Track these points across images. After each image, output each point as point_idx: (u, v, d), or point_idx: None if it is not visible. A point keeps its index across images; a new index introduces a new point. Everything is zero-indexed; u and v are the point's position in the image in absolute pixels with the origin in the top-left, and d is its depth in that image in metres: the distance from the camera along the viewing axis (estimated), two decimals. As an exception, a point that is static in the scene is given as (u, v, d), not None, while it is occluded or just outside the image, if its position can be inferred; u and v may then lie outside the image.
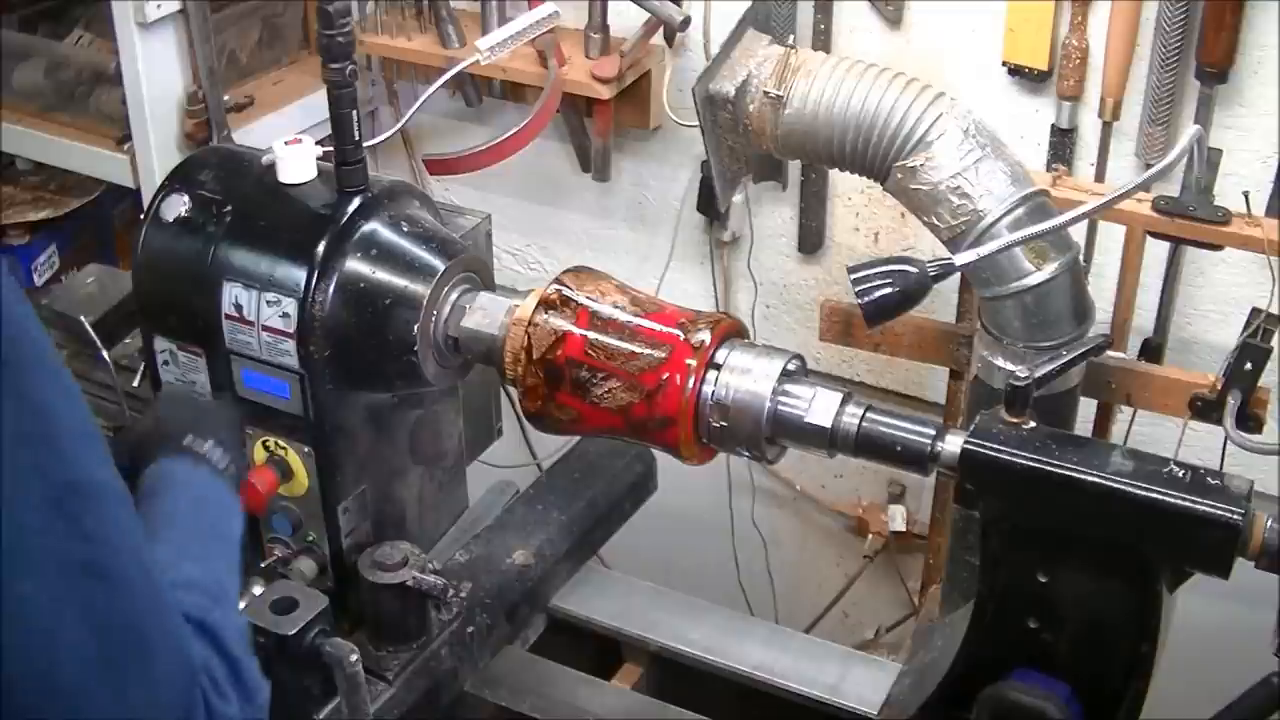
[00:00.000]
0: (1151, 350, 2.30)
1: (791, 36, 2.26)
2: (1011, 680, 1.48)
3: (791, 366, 1.51)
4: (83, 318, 1.91)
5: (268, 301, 1.59)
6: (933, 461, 1.45)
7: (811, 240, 2.63)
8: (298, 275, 1.58)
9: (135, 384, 1.85)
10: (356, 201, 1.61)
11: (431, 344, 1.62)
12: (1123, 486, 1.36)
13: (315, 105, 2.18)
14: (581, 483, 2.02)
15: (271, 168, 1.65)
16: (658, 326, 1.53)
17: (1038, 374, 1.44)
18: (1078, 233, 2.05)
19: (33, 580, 0.88)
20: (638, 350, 1.51)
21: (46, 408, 0.91)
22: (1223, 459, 1.70)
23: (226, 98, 2.52)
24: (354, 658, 1.52)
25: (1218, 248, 1.93)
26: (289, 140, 1.66)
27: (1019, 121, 2.31)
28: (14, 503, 0.87)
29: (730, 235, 2.67)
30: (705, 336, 1.50)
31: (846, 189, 2.56)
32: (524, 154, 2.42)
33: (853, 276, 1.51)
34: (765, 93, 1.88)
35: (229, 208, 1.64)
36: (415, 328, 1.59)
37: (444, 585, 1.68)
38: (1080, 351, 1.66)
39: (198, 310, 1.63)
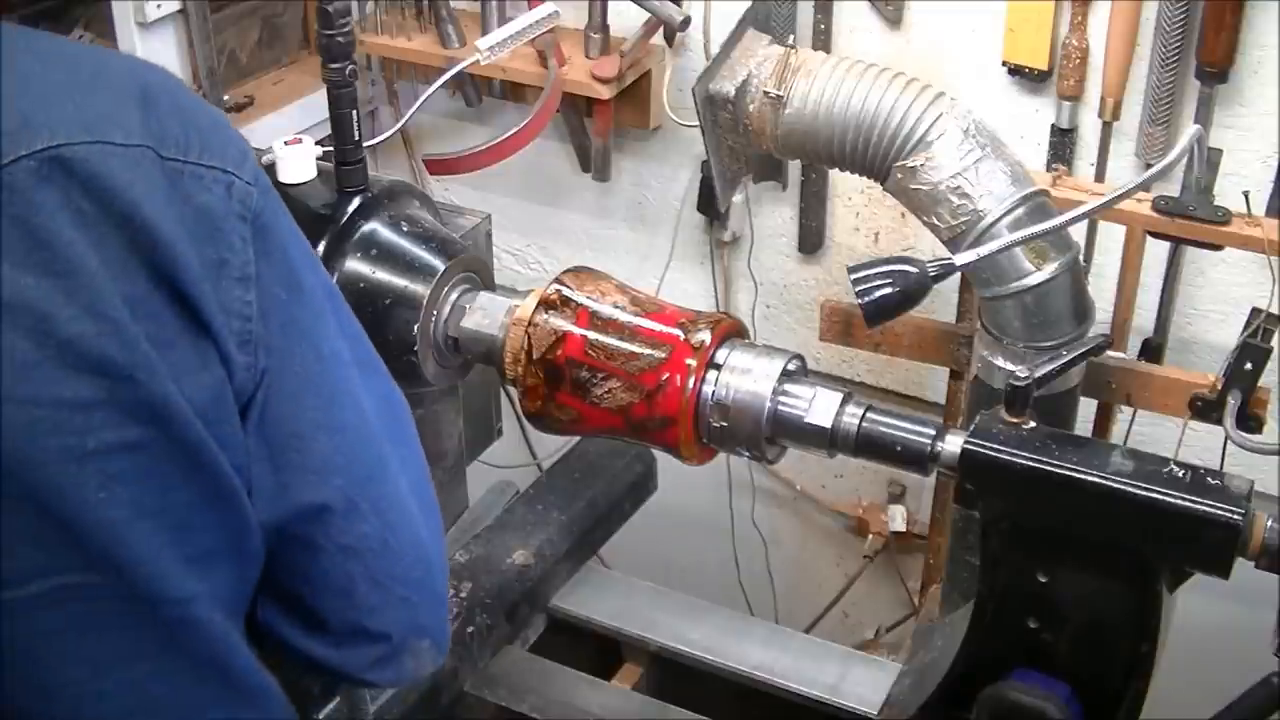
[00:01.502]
0: (1151, 350, 2.30)
1: (791, 36, 2.26)
2: (1011, 680, 1.48)
3: (792, 366, 1.51)
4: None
5: (268, 301, 1.59)
6: (933, 461, 1.45)
7: (811, 240, 2.63)
8: (298, 275, 1.58)
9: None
10: (356, 201, 1.61)
11: (431, 344, 1.62)
12: (1123, 486, 1.36)
13: (315, 105, 2.18)
14: (581, 483, 2.02)
15: (271, 168, 1.65)
16: (658, 326, 1.53)
17: (1038, 374, 1.44)
18: (1078, 233, 2.06)
19: (353, 371, 1.05)
20: (638, 350, 1.51)
21: (300, 231, 1.04)
22: (1223, 459, 1.70)
23: (226, 98, 2.52)
24: (354, 658, 1.52)
25: (1218, 248, 1.93)
26: (289, 140, 1.66)
27: (1019, 121, 2.31)
28: (326, 309, 1.03)
29: (730, 235, 2.67)
30: (705, 336, 1.50)
31: (846, 189, 2.56)
32: (524, 154, 2.42)
33: (853, 276, 1.51)
34: (765, 93, 1.88)
35: (229, 208, 1.64)
36: (415, 328, 1.59)
37: (444, 585, 1.68)
38: (1080, 351, 1.66)
39: (198, 310, 1.63)
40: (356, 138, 1.60)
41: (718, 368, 1.50)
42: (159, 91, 0.93)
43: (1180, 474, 1.36)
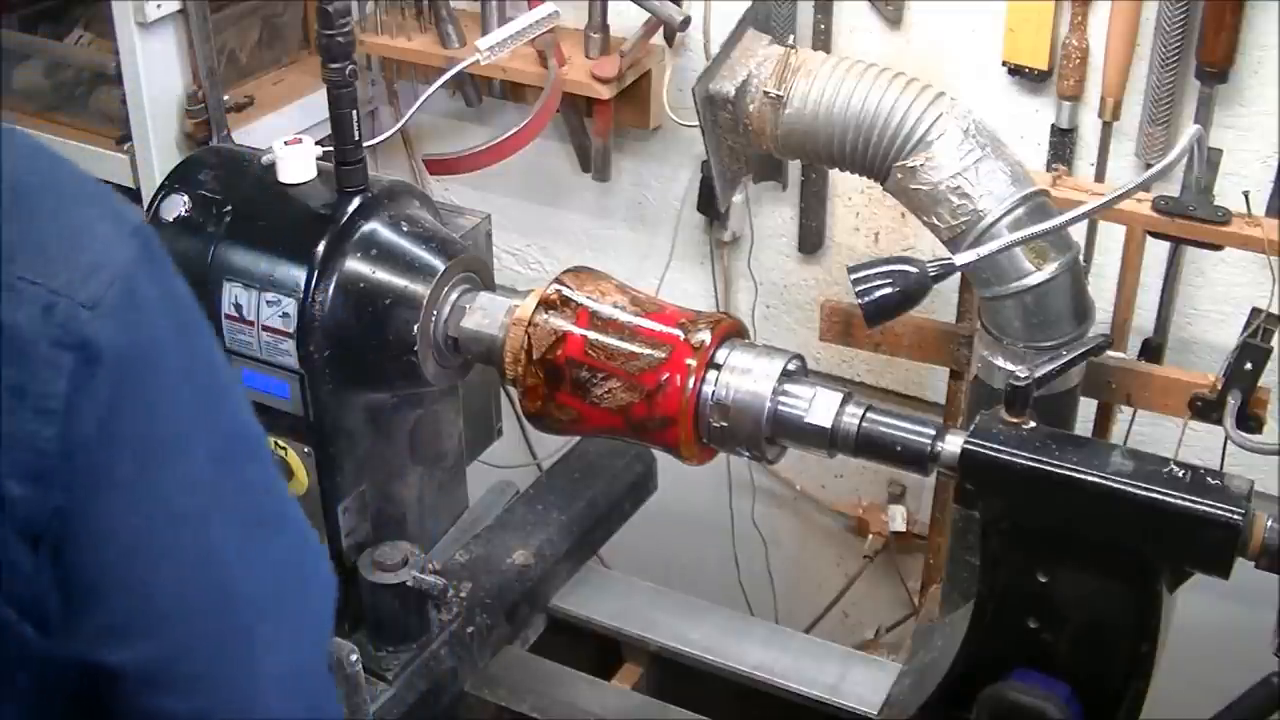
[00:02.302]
0: (1151, 350, 2.30)
1: (791, 36, 2.25)
2: (1011, 680, 1.48)
3: (792, 366, 1.51)
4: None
5: (267, 301, 1.59)
6: (933, 461, 1.45)
7: (811, 240, 2.63)
8: (297, 275, 1.58)
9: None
10: (356, 201, 1.61)
11: (431, 344, 1.62)
12: (1123, 486, 1.36)
13: (315, 105, 2.17)
14: (581, 483, 2.02)
15: (271, 168, 1.66)
16: (658, 326, 1.53)
17: (1038, 374, 1.44)
18: (1078, 233, 2.05)
19: (218, 530, 0.93)
20: (638, 350, 1.51)
21: (214, 362, 0.95)
22: (1223, 459, 1.70)
23: (226, 98, 2.51)
24: (354, 658, 1.52)
25: (1218, 248, 1.93)
26: (289, 140, 1.66)
27: (1019, 121, 2.31)
28: (195, 456, 0.91)
29: (730, 235, 2.67)
30: (705, 336, 1.50)
31: (846, 189, 2.56)
32: (524, 154, 2.42)
33: (853, 276, 1.51)
34: (765, 93, 1.88)
35: (229, 208, 1.64)
36: (415, 328, 1.59)
37: (444, 585, 1.68)
38: (1080, 351, 1.66)
39: (197, 310, 1.63)
40: (356, 138, 1.61)
41: (718, 368, 1.50)
42: (10, 188, 0.84)
43: (1180, 474, 1.36)
